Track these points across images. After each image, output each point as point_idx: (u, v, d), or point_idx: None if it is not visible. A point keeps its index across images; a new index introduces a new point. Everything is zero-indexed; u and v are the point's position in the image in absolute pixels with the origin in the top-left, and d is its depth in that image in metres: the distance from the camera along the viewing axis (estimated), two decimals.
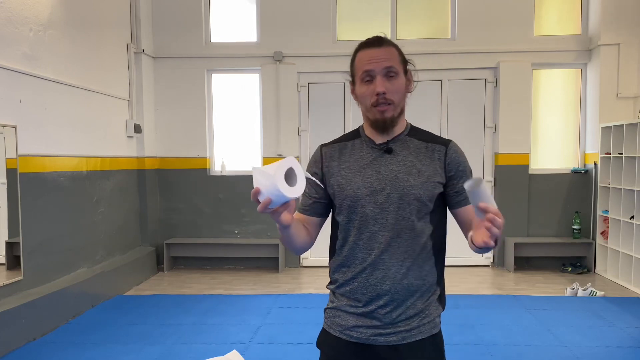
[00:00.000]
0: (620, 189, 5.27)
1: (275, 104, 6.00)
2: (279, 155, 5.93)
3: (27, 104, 3.97)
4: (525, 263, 5.95)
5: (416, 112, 5.85)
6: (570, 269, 5.73)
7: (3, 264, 3.78)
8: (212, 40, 6.13)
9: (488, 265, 6.05)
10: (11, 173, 3.81)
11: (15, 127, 3.80)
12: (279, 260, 5.88)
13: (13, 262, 3.85)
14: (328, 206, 1.50)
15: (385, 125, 1.41)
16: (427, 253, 1.42)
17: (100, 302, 4.65)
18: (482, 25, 5.86)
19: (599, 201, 5.67)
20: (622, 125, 5.25)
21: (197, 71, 6.07)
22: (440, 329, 1.47)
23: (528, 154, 5.89)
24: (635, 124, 5.02)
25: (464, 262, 5.94)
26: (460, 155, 1.44)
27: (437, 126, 5.94)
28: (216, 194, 6.13)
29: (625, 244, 5.20)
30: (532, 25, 5.86)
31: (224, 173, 6.14)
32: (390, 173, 1.40)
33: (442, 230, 1.48)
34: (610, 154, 5.43)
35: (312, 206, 1.49)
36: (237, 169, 6.14)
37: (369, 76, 1.38)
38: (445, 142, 1.45)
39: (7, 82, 3.75)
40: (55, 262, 4.29)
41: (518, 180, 5.89)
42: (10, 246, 3.84)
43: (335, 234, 1.50)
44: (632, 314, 4.21)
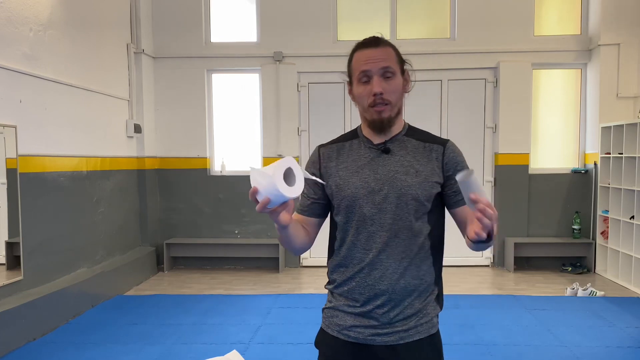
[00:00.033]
0: (620, 189, 5.27)
1: (275, 104, 6.00)
2: (279, 155, 5.93)
3: (27, 104, 3.97)
4: (525, 263, 5.95)
5: (416, 112, 5.91)
6: (570, 269, 5.73)
7: (3, 264, 3.79)
8: (212, 40, 6.13)
9: (488, 265, 6.05)
10: (11, 173, 3.81)
11: (15, 127, 3.80)
12: (279, 260, 5.88)
13: (13, 262, 3.85)
14: (326, 207, 1.50)
15: (383, 125, 1.41)
16: (424, 253, 1.42)
17: (100, 302, 4.65)
18: (482, 25, 5.86)
19: (599, 201, 5.67)
20: (622, 125, 5.25)
21: (197, 71, 6.08)
22: (438, 329, 1.47)
23: (528, 154, 5.89)
24: (635, 124, 5.03)
25: (464, 262, 5.95)
26: (457, 155, 1.44)
27: (437, 126, 5.94)
28: (216, 194, 6.13)
29: (625, 244, 5.20)
30: (532, 25, 5.86)
31: (224, 173, 6.14)
32: (387, 173, 1.40)
33: (440, 230, 1.47)
34: (610, 154, 5.43)
35: (310, 207, 1.49)
36: (237, 169, 6.14)
37: (366, 76, 1.38)
38: (442, 142, 1.45)
39: (7, 82, 3.75)
40: (55, 262, 4.29)
41: (518, 180, 5.89)
42: (10, 246, 3.84)
43: (333, 234, 1.50)
44: (632, 314, 4.21)
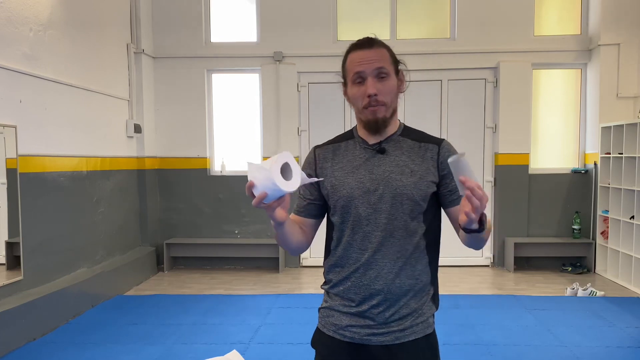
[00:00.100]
0: (620, 189, 5.27)
1: (275, 104, 6.00)
2: None
3: (27, 104, 3.97)
4: (525, 263, 5.95)
5: (416, 112, 5.92)
6: (570, 269, 5.73)
7: (3, 264, 3.78)
8: (212, 40, 6.13)
9: (488, 265, 6.05)
10: (11, 173, 3.81)
11: (15, 127, 3.80)
12: (279, 260, 5.88)
13: (13, 262, 3.85)
14: (323, 207, 1.51)
15: (378, 126, 1.41)
16: (420, 252, 1.42)
17: (100, 302, 4.65)
18: (482, 25, 5.86)
19: (599, 201, 5.67)
20: (622, 125, 5.25)
21: (197, 71, 6.07)
22: (434, 329, 1.47)
23: (528, 154, 5.89)
24: (635, 124, 5.02)
25: (464, 262, 5.95)
26: (453, 154, 1.44)
27: (437, 126, 5.94)
28: (216, 194, 6.13)
29: (625, 244, 5.20)
30: (532, 25, 5.86)
31: (224, 173, 6.14)
32: (383, 173, 1.40)
33: (436, 230, 1.48)
34: (610, 154, 5.43)
35: (306, 207, 1.50)
36: (237, 169, 6.14)
37: (360, 77, 1.38)
38: (438, 141, 1.46)
39: (7, 82, 3.75)
40: (55, 262, 4.29)
41: (518, 180, 5.88)
42: (10, 246, 3.84)
43: (330, 235, 1.50)
44: (632, 314, 4.21)
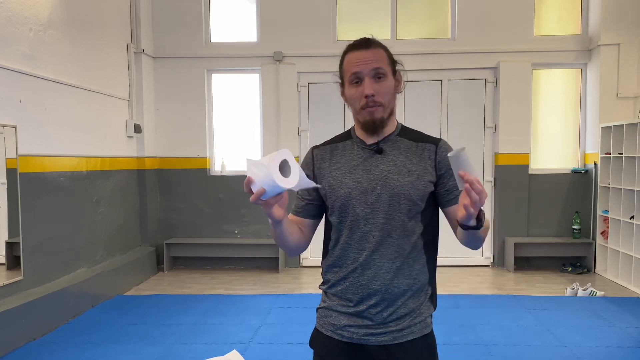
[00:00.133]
0: (620, 189, 5.27)
1: (275, 104, 6.00)
2: None
3: (27, 104, 3.97)
4: (525, 263, 5.95)
5: (416, 112, 5.92)
6: (570, 269, 5.73)
7: (3, 264, 3.78)
8: (212, 40, 6.13)
9: (488, 265, 6.05)
10: (11, 173, 3.81)
11: (15, 127, 3.80)
12: (279, 260, 5.88)
13: (13, 262, 3.85)
14: (321, 208, 1.51)
15: (376, 126, 1.41)
16: (417, 252, 1.42)
17: (100, 302, 4.65)
18: (482, 25, 5.86)
19: (599, 201, 5.67)
20: (622, 125, 5.25)
21: (197, 71, 6.07)
22: (432, 329, 1.47)
23: (528, 154, 5.89)
24: (635, 124, 5.02)
25: (464, 262, 5.95)
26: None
27: (437, 126, 5.94)
28: (216, 194, 6.13)
29: (625, 244, 5.20)
30: (532, 25, 5.86)
31: (224, 173, 6.14)
32: (380, 173, 1.40)
33: (434, 230, 1.48)
34: (610, 154, 5.43)
35: (304, 208, 1.50)
36: (237, 169, 6.14)
37: (357, 78, 1.39)
38: (435, 141, 1.46)
39: (7, 82, 3.75)
40: (55, 262, 4.29)
41: (518, 180, 5.88)
42: (10, 246, 3.84)
43: (328, 235, 1.50)
44: (632, 314, 4.21)
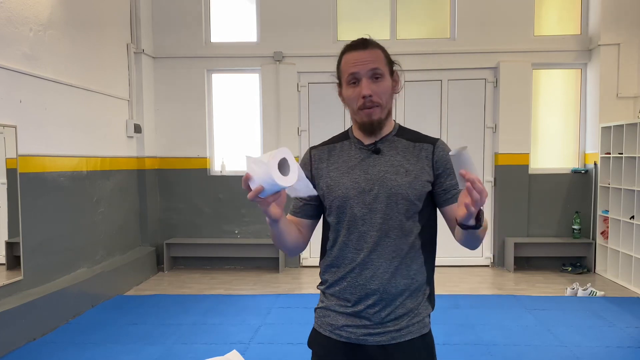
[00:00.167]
0: (620, 189, 5.27)
1: (275, 104, 6.00)
2: None
3: (27, 104, 3.97)
4: (525, 263, 5.95)
5: (416, 112, 5.92)
6: (570, 269, 5.73)
7: (3, 264, 3.78)
8: (212, 40, 6.13)
9: (488, 265, 6.05)
10: (11, 173, 3.81)
11: (15, 127, 3.80)
12: (279, 260, 5.88)
13: (13, 262, 3.85)
14: (319, 208, 1.51)
15: (373, 127, 1.42)
16: (415, 252, 1.42)
17: (100, 302, 4.65)
18: (482, 25, 5.86)
19: (599, 201, 5.67)
20: (622, 125, 5.25)
21: (197, 71, 6.07)
22: (430, 329, 1.47)
23: (528, 154, 5.88)
24: (635, 124, 5.02)
25: (464, 262, 5.95)
26: (447, 153, 1.44)
27: (437, 126, 5.94)
28: (216, 194, 6.13)
29: (625, 244, 5.20)
30: (532, 25, 5.86)
31: (224, 173, 6.14)
32: (378, 173, 1.41)
33: (432, 230, 1.48)
34: (610, 154, 5.43)
35: (302, 208, 1.50)
36: (237, 169, 6.14)
37: (354, 79, 1.39)
38: (432, 141, 1.46)
39: (7, 82, 3.75)
40: (55, 262, 4.29)
41: (518, 180, 5.88)
42: (10, 246, 3.84)
43: (326, 235, 1.50)
44: (632, 314, 4.21)
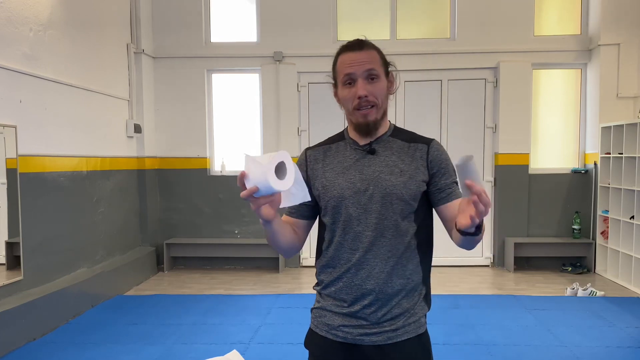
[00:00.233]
0: (620, 189, 5.27)
1: (275, 104, 6.00)
2: None
3: (27, 104, 3.97)
4: (525, 263, 5.95)
5: (416, 112, 5.92)
6: (570, 269, 5.73)
7: (3, 264, 3.78)
8: (212, 40, 6.13)
9: (488, 265, 6.04)
10: (11, 173, 3.81)
11: (15, 127, 3.80)
12: (279, 260, 5.88)
13: (13, 262, 3.85)
14: (314, 209, 1.51)
15: (369, 128, 1.42)
16: (411, 252, 1.43)
17: (100, 302, 4.65)
18: (482, 25, 5.86)
19: (599, 201, 5.67)
20: (622, 125, 5.25)
21: (197, 71, 6.08)
22: (427, 329, 1.47)
23: (528, 154, 5.88)
24: (635, 124, 5.02)
25: (464, 262, 5.95)
26: (442, 153, 1.45)
27: (437, 126, 5.94)
28: (216, 194, 6.13)
29: (625, 244, 5.20)
30: (532, 25, 5.86)
31: (224, 173, 6.14)
32: (373, 173, 1.41)
33: (428, 229, 1.48)
34: (610, 154, 5.43)
35: (298, 209, 1.51)
36: (237, 169, 6.14)
37: (350, 79, 1.39)
38: (427, 141, 1.47)
39: (7, 82, 3.75)
40: (55, 262, 4.29)
41: (518, 180, 5.88)
42: (10, 246, 3.84)
43: (322, 236, 1.51)
44: (632, 314, 4.21)
